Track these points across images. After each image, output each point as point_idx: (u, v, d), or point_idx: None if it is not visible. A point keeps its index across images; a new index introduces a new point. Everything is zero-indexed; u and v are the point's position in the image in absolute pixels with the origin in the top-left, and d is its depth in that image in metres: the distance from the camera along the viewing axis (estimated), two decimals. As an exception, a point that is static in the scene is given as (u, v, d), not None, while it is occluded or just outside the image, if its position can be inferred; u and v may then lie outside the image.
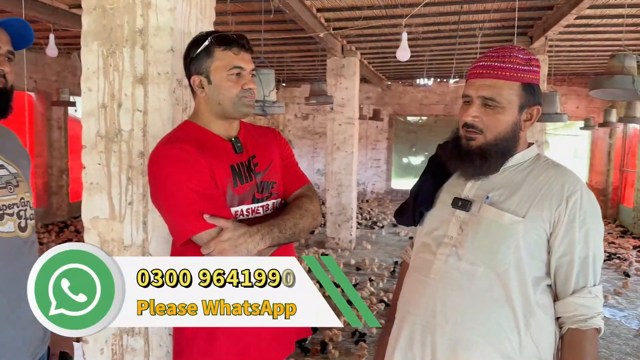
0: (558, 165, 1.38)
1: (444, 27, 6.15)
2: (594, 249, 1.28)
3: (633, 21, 5.54)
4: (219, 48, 1.43)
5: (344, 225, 7.21)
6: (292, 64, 8.95)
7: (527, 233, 1.28)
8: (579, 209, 1.27)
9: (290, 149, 1.68)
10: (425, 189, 1.50)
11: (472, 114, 1.34)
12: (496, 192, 1.35)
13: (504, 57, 1.34)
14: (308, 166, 12.42)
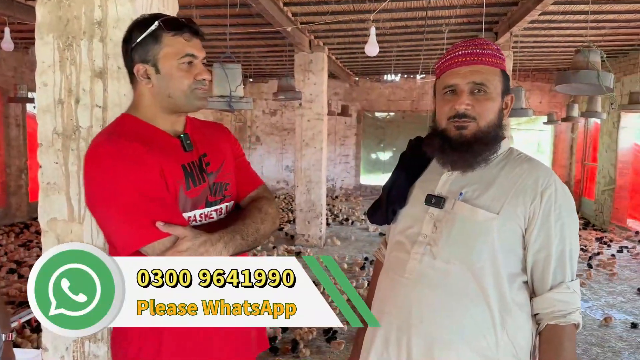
0: (531, 159, 1.36)
1: (411, 23, 6.17)
2: (570, 243, 1.27)
3: (595, 17, 5.66)
4: (169, 33, 1.27)
5: (314, 222, 7.18)
6: (259, 59, 8.84)
7: (501, 229, 1.26)
8: (554, 203, 1.26)
9: (240, 146, 1.55)
10: (397, 186, 1.46)
11: (465, 102, 1.29)
12: (470, 188, 1.32)
13: (483, 45, 1.33)
14: (277, 163, 12.34)
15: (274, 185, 12.42)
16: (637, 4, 5.15)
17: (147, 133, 1.30)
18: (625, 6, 5.26)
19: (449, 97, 1.34)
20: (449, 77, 1.34)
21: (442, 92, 1.36)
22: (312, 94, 7.10)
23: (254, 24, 5.93)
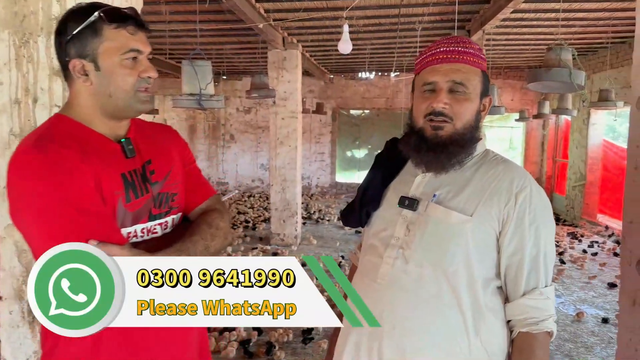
0: (506, 160, 1.34)
1: (384, 21, 6.15)
2: (544, 247, 1.23)
3: (566, 15, 5.73)
4: (110, 26, 1.13)
5: (289, 221, 7.12)
6: (232, 56, 8.73)
7: (475, 232, 1.22)
8: (529, 206, 1.23)
9: (191, 152, 1.42)
10: (372, 187, 1.42)
11: (443, 100, 1.25)
12: (444, 190, 1.29)
13: (465, 43, 1.29)
14: (252, 161, 12.23)
15: (249, 183, 12.31)
16: (606, 2, 5.22)
17: (82, 137, 1.16)
18: (594, 4, 5.33)
19: (427, 95, 1.29)
20: (429, 73, 1.29)
21: (421, 88, 1.31)
22: (286, 92, 7.03)
23: (226, 20, 5.83)
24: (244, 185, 12.33)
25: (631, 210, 2.10)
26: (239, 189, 12.30)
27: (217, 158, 12.33)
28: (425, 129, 1.29)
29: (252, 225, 8.38)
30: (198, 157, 12.33)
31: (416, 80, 1.36)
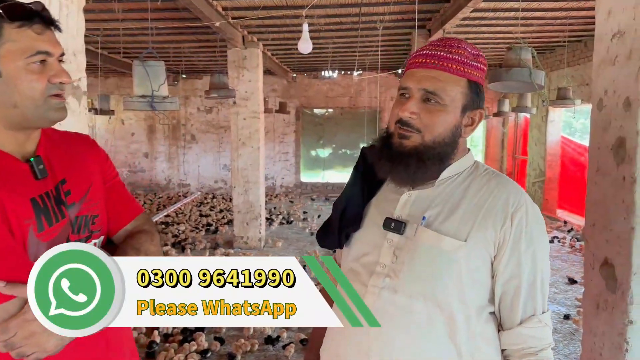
0: (499, 175, 1.21)
1: (345, 19, 6.08)
2: (541, 271, 1.14)
3: (524, 14, 5.78)
4: (12, 24, 0.97)
5: (253, 224, 6.97)
6: (190, 54, 8.50)
7: (469, 258, 1.11)
8: (525, 227, 1.12)
9: (114, 167, 1.25)
10: (351, 206, 1.25)
11: (410, 109, 1.13)
12: (433, 211, 1.16)
13: (452, 48, 1.16)
14: (214, 161, 11.99)
15: (211, 185, 12.07)
16: (563, 1, 5.29)
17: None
18: (551, 4, 5.39)
19: (401, 100, 1.18)
20: (407, 77, 1.18)
21: (398, 92, 1.21)
22: (248, 92, 6.87)
23: (182, 18, 5.64)
24: (207, 187, 12.08)
25: (593, 212, 2.07)
26: (201, 190, 12.04)
27: (178, 159, 12.04)
28: (394, 135, 1.18)
29: (215, 228, 8.18)
30: (158, 158, 12.02)
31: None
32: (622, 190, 1.85)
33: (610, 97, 1.94)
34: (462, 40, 1.20)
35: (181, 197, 11.25)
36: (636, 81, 1.76)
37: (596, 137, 2.05)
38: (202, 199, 11.13)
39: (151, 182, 12.14)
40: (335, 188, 11.85)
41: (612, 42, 1.93)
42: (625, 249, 1.82)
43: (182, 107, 11.76)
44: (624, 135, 1.84)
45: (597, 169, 2.04)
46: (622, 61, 1.86)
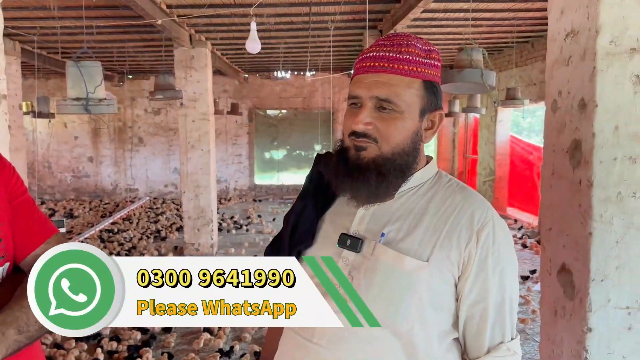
0: (464, 187, 1.12)
1: (296, 19, 5.95)
2: (510, 293, 1.04)
3: (473, 15, 5.82)
4: None
5: (204, 230, 6.73)
6: (135, 54, 8.16)
7: (432, 280, 1.01)
8: (492, 245, 1.02)
9: (21, 182, 1.11)
10: (304, 221, 1.14)
11: (363, 121, 1.02)
12: (393, 227, 1.05)
13: (401, 47, 1.04)
14: (164, 165, 11.60)
15: (161, 189, 11.67)
16: (511, 2, 5.34)
17: None
18: (500, 4, 5.43)
19: (353, 110, 1.06)
20: (354, 85, 1.07)
21: (348, 102, 1.09)
22: (196, 93, 6.63)
23: (125, 16, 5.36)
24: (156, 191, 11.67)
25: (549, 216, 2.02)
26: (150, 195, 11.62)
27: (124, 163, 11.58)
28: (350, 148, 1.06)
29: (164, 235, 7.86)
30: (103, 162, 11.53)
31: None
32: (578, 194, 1.80)
33: (565, 98, 1.89)
34: (411, 35, 1.08)
35: (128, 203, 10.81)
36: (591, 82, 1.71)
37: (550, 139, 2.00)
38: (151, 204, 10.75)
39: (97, 188, 11.62)
40: (291, 190, 11.70)
41: (565, 42, 1.88)
42: (583, 255, 1.77)
43: (129, 108, 11.32)
44: (580, 137, 1.79)
45: (552, 172, 1.99)
46: (576, 61, 1.81)
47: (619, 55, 1.67)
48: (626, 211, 1.71)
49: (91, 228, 8.10)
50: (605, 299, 1.74)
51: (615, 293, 1.74)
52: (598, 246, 1.72)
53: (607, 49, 1.67)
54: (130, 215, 9.44)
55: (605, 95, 1.68)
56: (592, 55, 1.70)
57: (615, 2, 1.65)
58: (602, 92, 1.68)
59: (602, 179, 1.71)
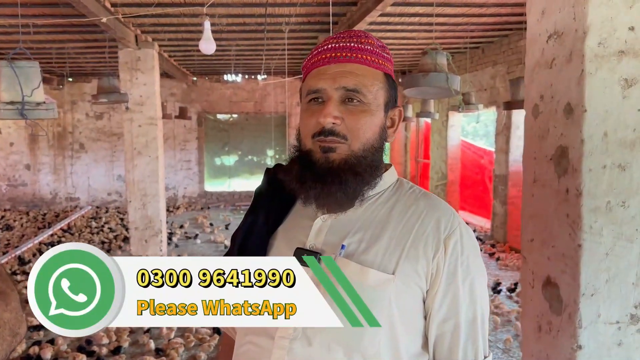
0: (427, 194, 1.03)
1: (249, 20, 5.75)
2: (481, 306, 0.97)
3: (429, 20, 5.80)
4: None
5: (152, 241, 6.39)
6: (76, 55, 7.69)
7: (399, 295, 0.91)
8: (461, 254, 0.94)
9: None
10: (253, 236, 1.02)
11: (332, 114, 0.92)
12: (354, 239, 0.96)
13: (360, 38, 0.98)
14: (107, 172, 11.04)
15: (104, 197, 11.10)
16: (465, 7, 5.35)
17: None
18: (455, 9, 5.44)
19: (314, 107, 0.96)
20: (314, 78, 0.96)
21: (306, 98, 0.97)
22: (143, 96, 6.29)
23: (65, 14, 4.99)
24: (99, 200, 11.09)
25: (531, 226, 1.93)
26: (92, 204, 11.03)
27: (65, 171, 10.93)
28: (314, 151, 0.95)
29: (108, 247, 7.41)
30: (42, 170, 10.84)
31: (302, 88, 1.01)
32: (565, 203, 1.71)
33: (547, 102, 1.80)
34: (365, 31, 1.02)
35: (69, 213, 10.21)
36: (579, 85, 1.62)
37: (532, 146, 1.92)
38: (94, 214, 10.19)
39: (34, 197, 10.92)
40: (243, 196, 11.41)
41: (547, 44, 1.79)
42: (572, 268, 1.68)
43: (69, 113, 10.72)
44: (566, 144, 1.70)
45: (533, 180, 1.90)
46: (560, 64, 1.72)
47: (608, 57, 1.59)
48: (615, 221, 1.63)
49: (28, 241, 7.54)
50: (596, 314, 1.66)
51: (606, 307, 1.66)
52: (588, 258, 1.63)
53: (595, 51, 1.59)
54: (71, 226, 8.89)
55: (594, 100, 1.60)
56: (579, 58, 1.61)
57: (603, 2, 1.58)
58: (590, 96, 1.59)
59: (592, 188, 1.62)
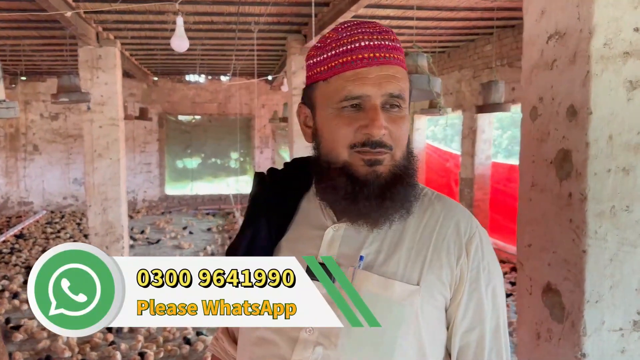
0: (440, 196, 0.97)
1: (217, 19, 5.58)
2: (503, 312, 0.92)
3: (398, 23, 5.79)
4: None
5: (114, 247, 6.11)
6: (32, 53, 7.31)
7: (424, 307, 0.85)
8: (482, 260, 0.89)
9: None
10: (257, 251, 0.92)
11: (383, 124, 0.84)
12: (371, 248, 0.88)
13: (388, 34, 0.90)
14: (62, 175, 10.57)
15: (59, 201, 10.62)
16: (437, 11, 5.36)
17: None
18: (425, 12, 5.44)
19: (351, 114, 0.86)
20: (356, 82, 0.85)
21: (339, 104, 0.86)
22: (104, 96, 6.02)
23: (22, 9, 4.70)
24: (54, 204, 10.60)
25: (528, 232, 1.88)
26: (47, 208, 10.53)
27: (17, 173, 10.40)
28: (354, 164, 0.86)
29: None
30: (-8, 173, 10.28)
31: (324, 90, 0.89)
32: (568, 208, 1.67)
33: (547, 105, 1.76)
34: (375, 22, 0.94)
35: (22, 218, 9.70)
36: (584, 87, 1.58)
37: (529, 149, 1.87)
38: (48, 219, 9.72)
39: (-16, 201, 10.35)
40: (206, 200, 11.15)
41: (547, 45, 1.75)
42: (575, 275, 1.64)
43: (23, 113, 10.22)
44: (569, 147, 1.66)
45: (531, 184, 1.86)
46: (562, 65, 1.68)
47: (613, 59, 1.55)
48: (619, 226, 1.60)
49: (-23, 248, 7.11)
50: (600, 321, 1.62)
51: (609, 314, 1.62)
52: (593, 265, 1.59)
53: (601, 52, 1.55)
54: (24, 232, 8.44)
55: (599, 102, 1.56)
56: (584, 59, 1.57)
57: (610, 2, 1.54)
58: (596, 98, 1.56)
59: (597, 192, 1.58)
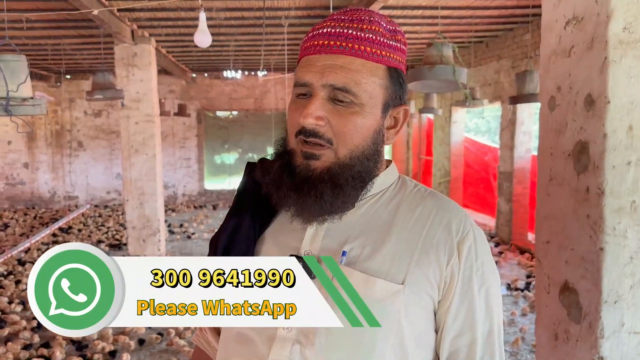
0: (434, 192, 0.92)
1: (247, 14, 5.61)
2: (497, 316, 0.87)
3: (432, 13, 5.66)
4: None
5: (150, 240, 6.27)
6: (72, 52, 7.56)
7: (409, 307, 0.82)
8: (475, 260, 0.85)
9: None
10: (240, 241, 0.90)
11: (314, 114, 0.81)
12: (355, 243, 0.85)
13: (362, 23, 0.83)
14: (106, 170, 10.92)
15: (103, 196, 10.98)
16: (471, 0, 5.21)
17: None
18: (459, 1, 5.30)
19: (301, 101, 0.84)
20: (303, 69, 0.84)
21: (294, 90, 0.86)
22: (140, 93, 6.17)
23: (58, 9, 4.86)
24: (98, 198, 10.97)
25: (546, 228, 1.80)
26: (91, 202, 10.91)
27: (63, 169, 10.81)
28: (296, 153, 0.85)
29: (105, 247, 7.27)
30: (40, 168, 10.71)
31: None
32: (585, 203, 1.58)
33: (565, 94, 1.67)
34: (373, 11, 0.87)
35: (68, 212, 10.09)
36: (601, 75, 1.49)
37: (547, 141, 1.78)
38: (92, 213, 10.07)
39: (33, 196, 10.80)
40: (242, 194, 11.28)
41: (565, 31, 1.66)
42: (593, 273, 1.55)
43: (67, 110, 10.60)
44: (587, 139, 1.56)
45: (550, 178, 1.77)
46: (580, 52, 1.59)
47: (633, 44, 1.45)
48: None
49: (26, 240, 7.43)
50: (619, 323, 1.53)
51: (630, 316, 1.53)
52: (611, 263, 1.50)
53: (620, 37, 1.45)
54: (69, 225, 8.78)
55: (618, 90, 1.46)
56: (602, 45, 1.48)
57: (629, -17, 1.44)
58: (614, 86, 1.46)
59: (615, 187, 1.49)
